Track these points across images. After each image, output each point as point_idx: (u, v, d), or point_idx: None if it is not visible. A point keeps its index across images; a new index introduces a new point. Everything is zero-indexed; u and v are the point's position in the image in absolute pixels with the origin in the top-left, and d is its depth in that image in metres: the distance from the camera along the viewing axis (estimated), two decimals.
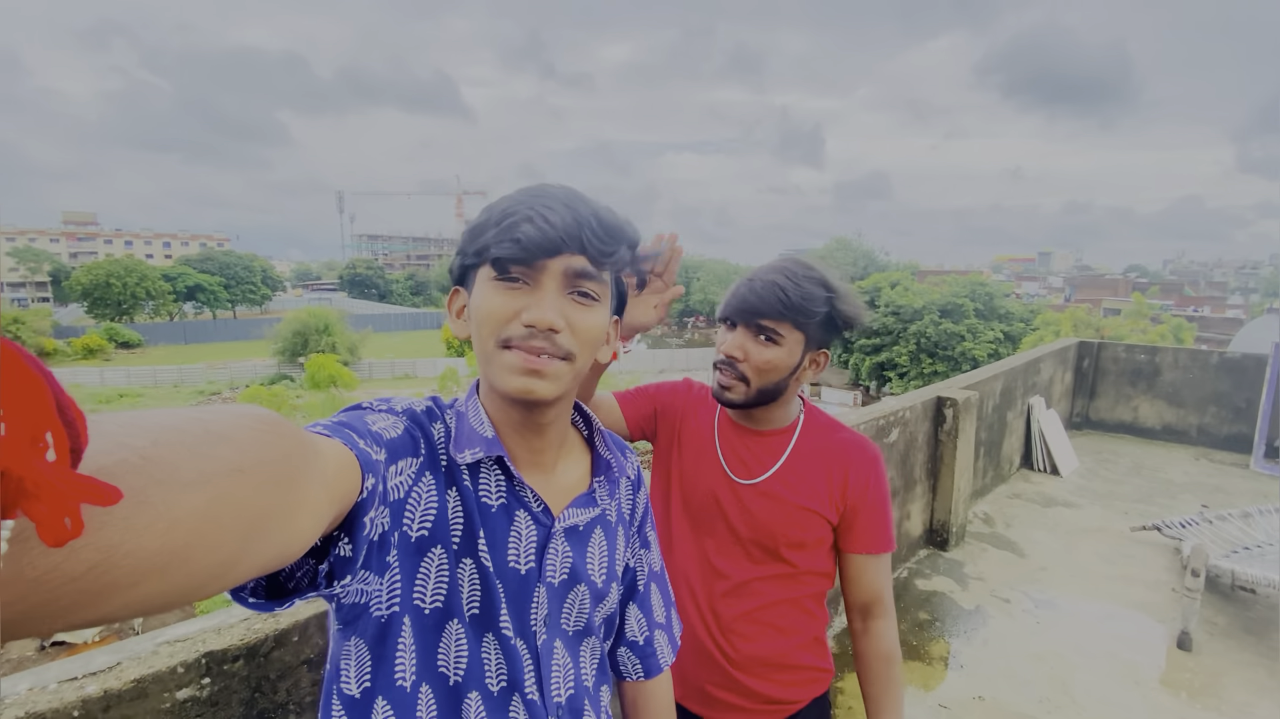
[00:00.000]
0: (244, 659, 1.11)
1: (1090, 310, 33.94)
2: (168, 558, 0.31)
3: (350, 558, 0.58)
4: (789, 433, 1.23)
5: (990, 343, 27.31)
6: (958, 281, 30.45)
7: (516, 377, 0.68)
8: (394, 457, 0.65)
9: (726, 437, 1.26)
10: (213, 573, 0.35)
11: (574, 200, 0.70)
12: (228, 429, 0.36)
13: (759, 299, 1.11)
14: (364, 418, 0.65)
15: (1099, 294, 56.54)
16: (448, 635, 0.71)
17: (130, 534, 0.29)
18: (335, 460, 0.51)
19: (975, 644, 3.04)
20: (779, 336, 1.12)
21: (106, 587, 0.29)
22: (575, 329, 0.70)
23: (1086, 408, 6.65)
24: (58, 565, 0.27)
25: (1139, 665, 2.87)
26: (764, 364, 1.13)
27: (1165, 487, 5.12)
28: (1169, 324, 29.54)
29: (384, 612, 0.68)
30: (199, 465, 0.33)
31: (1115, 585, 3.59)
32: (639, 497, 0.95)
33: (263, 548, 0.39)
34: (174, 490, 0.31)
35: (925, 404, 3.77)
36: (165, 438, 0.32)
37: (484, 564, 0.72)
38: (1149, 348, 6.51)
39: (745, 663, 1.24)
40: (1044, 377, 5.73)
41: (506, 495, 0.75)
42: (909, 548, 3.82)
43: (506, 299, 0.69)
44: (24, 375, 0.24)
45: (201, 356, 44.76)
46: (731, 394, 1.17)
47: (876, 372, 30.18)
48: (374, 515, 0.59)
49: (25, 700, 0.93)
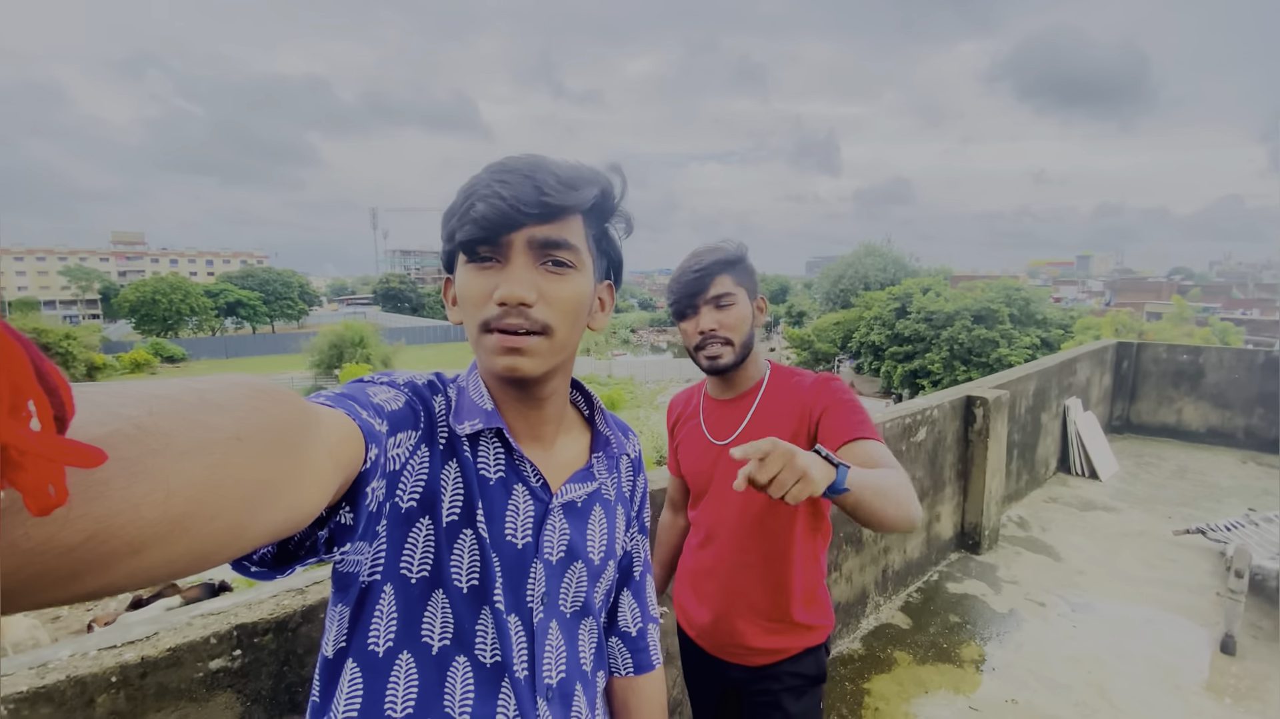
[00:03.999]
0: (273, 633, 1.16)
1: (1132, 314, 32.90)
2: (168, 527, 0.31)
3: (351, 526, 0.58)
4: (757, 389, 1.38)
5: (1027, 349, 26.62)
6: (992, 286, 29.77)
7: (499, 357, 0.69)
8: (394, 429, 0.65)
9: (709, 411, 1.43)
10: (219, 540, 0.35)
11: (533, 168, 0.68)
12: (225, 398, 0.36)
13: (701, 279, 1.30)
14: (365, 390, 0.65)
15: (1141, 298, 54.80)
16: (434, 604, 0.71)
17: (127, 504, 0.29)
18: (338, 430, 0.52)
19: (1009, 647, 2.96)
20: (732, 297, 1.31)
21: (106, 556, 0.29)
22: (550, 300, 0.69)
23: (1127, 411, 6.45)
24: (53, 536, 0.27)
25: (1180, 670, 2.77)
26: (735, 321, 1.31)
27: (1210, 490, 4.93)
28: (1215, 327, 28.47)
29: (366, 579, 0.69)
30: (196, 434, 0.33)
31: (1156, 589, 3.47)
32: (639, 480, 0.96)
33: (270, 515, 0.39)
34: (170, 459, 0.31)
35: (954, 403, 3.71)
36: (160, 407, 0.32)
37: (482, 535, 0.72)
38: (1192, 348, 6.29)
39: (752, 611, 1.36)
40: (1080, 378, 5.58)
41: (505, 469, 0.75)
42: (939, 550, 3.75)
43: (481, 280, 0.69)
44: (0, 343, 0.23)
45: (242, 369, 45.77)
46: (724, 359, 1.32)
47: (909, 379, 29.64)
48: (375, 485, 0.59)
49: (67, 665, 0.99)
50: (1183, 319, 28.33)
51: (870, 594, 3.19)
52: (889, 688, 2.69)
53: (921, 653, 2.93)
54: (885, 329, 30.52)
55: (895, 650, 2.95)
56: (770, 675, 1.38)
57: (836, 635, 2.96)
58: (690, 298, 1.31)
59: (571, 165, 0.72)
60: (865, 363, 32.05)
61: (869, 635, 3.06)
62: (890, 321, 30.41)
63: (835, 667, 2.81)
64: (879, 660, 2.88)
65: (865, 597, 3.16)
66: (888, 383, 30.95)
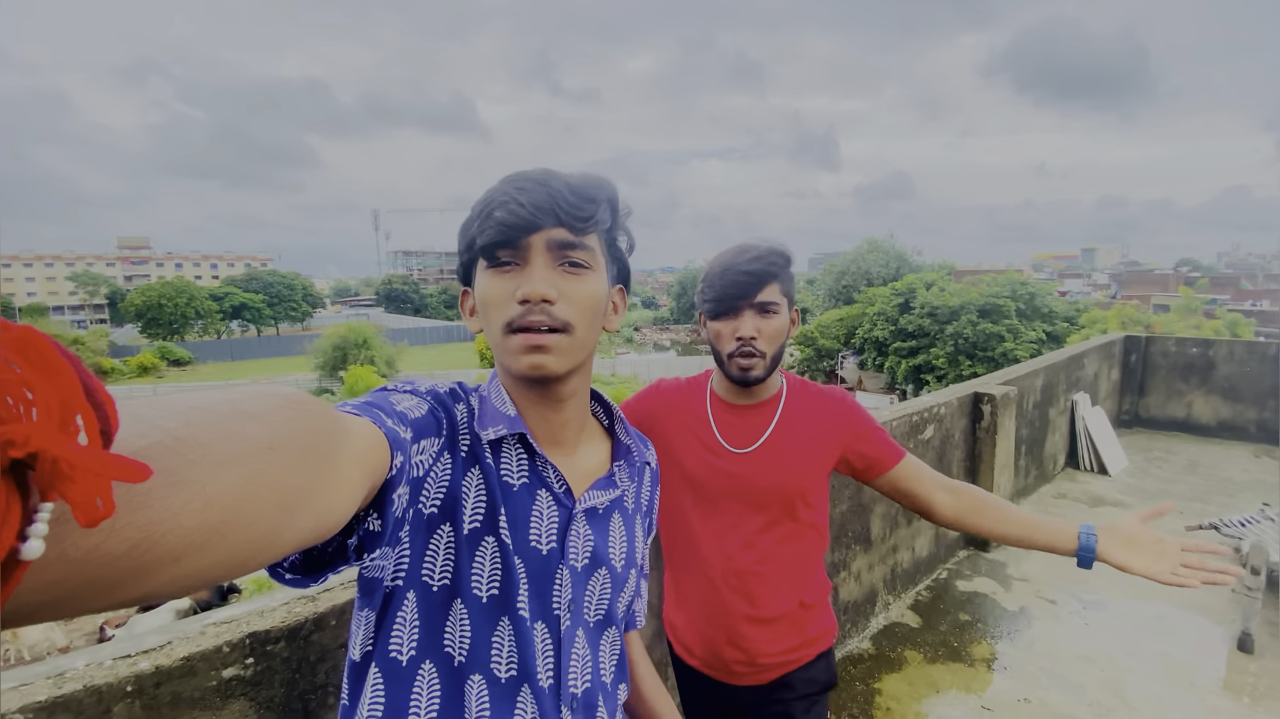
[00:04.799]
0: (285, 641, 1.15)
1: (1139, 307, 32.73)
2: (206, 534, 0.32)
3: (379, 533, 0.59)
4: (778, 399, 1.34)
5: (1033, 343, 26.49)
6: (996, 281, 29.63)
7: (523, 356, 0.71)
8: (418, 436, 0.66)
9: (721, 416, 1.35)
10: (254, 547, 0.36)
11: (547, 178, 0.72)
12: (258, 408, 0.37)
13: (751, 282, 1.22)
14: (389, 398, 0.67)
15: (1148, 290, 54.48)
16: (454, 614, 0.71)
17: (168, 513, 0.30)
18: (366, 438, 0.53)
19: (1020, 646, 2.95)
20: (777, 306, 1.24)
21: (149, 563, 0.30)
22: (570, 298, 0.72)
23: (1136, 405, 6.41)
24: (99, 545, 0.27)
25: (1196, 668, 2.75)
26: (774, 333, 1.25)
27: (1223, 485, 4.89)
28: (1224, 319, 28.28)
29: (389, 584, 0.70)
30: (231, 444, 0.34)
31: (1169, 587, 3.44)
32: (656, 491, 0.98)
33: (301, 523, 0.40)
34: (207, 469, 0.32)
35: (961, 400, 3.69)
36: (196, 419, 0.33)
37: (504, 542, 0.72)
38: (1202, 341, 6.24)
39: (763, 621, 1.32)
40: (1088, 372, 5.55)
41: (529, 474, 0.76)
42: (947, 548, 3.73)
43: (502, 283, 0.72)
44: (52, 361, 0.24)
45: (247, 372, 46.25)
46: (756, 371, 1.26)
47: (914, 374, 29.54)
48: (400, 492, 0.61)
49: (83, 674, 0.99)
50: (1191, 311, 28.18)
51: (879, 593, 3.18)
52: (900, 688, 2.68)
53: (932, 652, 2.92)
54: (889, 325, 30.41)
55: (905, 649, 2.94)
56: (783, 686, 1.35)
57: (846, 635, 2.95)
58: (734, 299, 1.22)
59: (582, 175, 0.76)
60: (869, 359, 31.96)
61: (879, 635, 3.05)
62: (894, 317, 30.30)
63: (845, 667, 2.80)
64: (889, 660, 2.86)
65: (874, 595, 3.15)
66: (891, 378, 30.87)
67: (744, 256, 1.23)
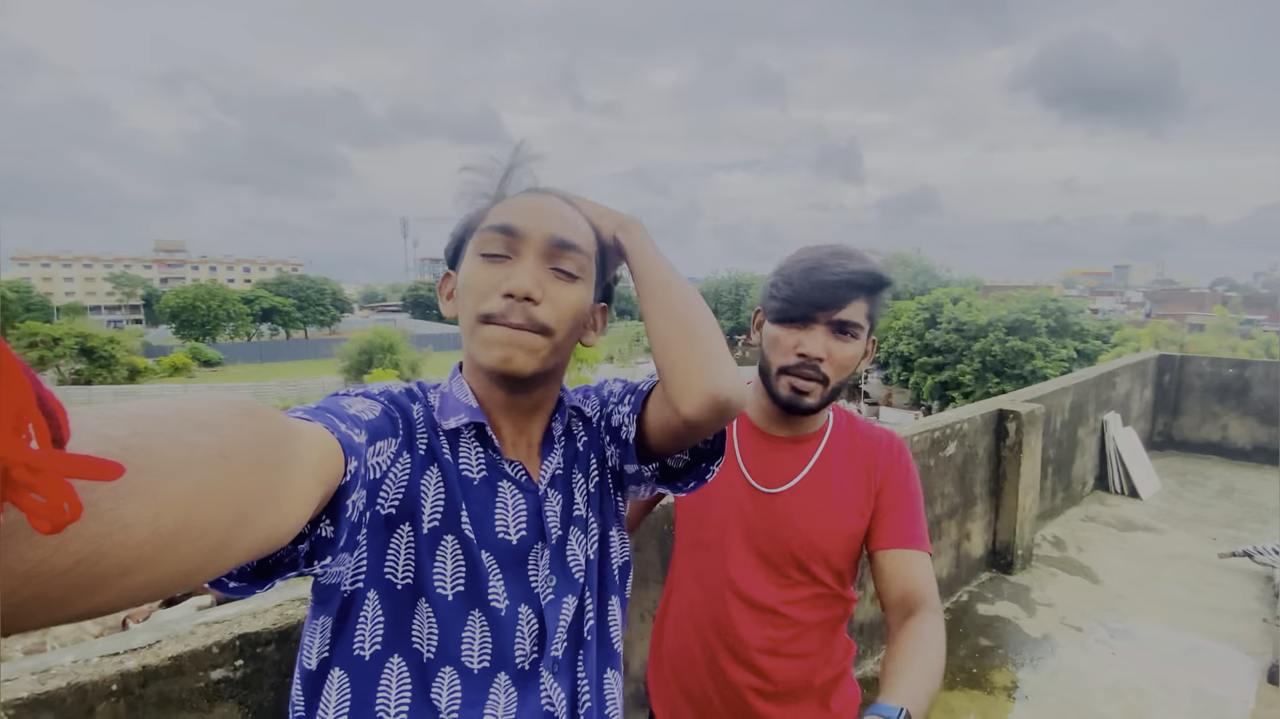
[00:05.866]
0: (275, 644, 1.14)
1: (1173, 326, 31.89)
2: (157, 546, 0.31)
3: (332, 539, 0.58)
4: (821, 434, 1.14)
5: (1063, 361, 25.92)
6: (1025, 297, 29.12)
7: (495, 348, 0.69)
8: (374, 438, 0.65)
9: (750, 445, 1.15)
10: (205, 558, 0.35)
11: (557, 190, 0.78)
12: (206, 416, 0.36)
13: (838, 292, 1.01)
14: (341, 402, 0.66)
15: (1183, 309, 53.13)
16: (420, 613, 0.70)
17: (117, 524, 0.29)
18: (318, 444, 0.52)
19: (1043, 674, 2.84)
20: (859, 330, 1.04)
21: (96, 578, 0.28)
22: (554, 302, 0.71)
23: (1169, 426, 6.20)
24: (45, 559, 0.26)
25: (1225, 700, 2.62)
26: (846, 360, 1.04)
27: (1258, 511, 4.70)
28: (1259, 339, 27.43)
29: (348, 588, 0.68)
30: (180, 453, 0.33)
31: (1200, 615, 3.30)
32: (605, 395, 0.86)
33: (253, 532, 0.39)
34: (157, 479, 0.31)
35: (985, 417, 3.59)
36: (144, 427, 0.32)
37: (467, 537, 0.71)
38: (1238, 362, 6.04)
39: (778, 695, 1.13)
40: (1119, 392, 5.39)
41: (487, 467, 0.75)
42: (969, 570, 3.62)
43: (489, 272, 0.71)
44: (4, 368, 0.23)
45: (275, 374, 47.13)
46: (810, 399, 1.05)
47: (939, 391, 29.07)
48: (356, 497, 0.59)
49: (69, 671, 0.98)
50: (1226, 331, 27.39)
51: None
52: None
53: (950, 677, 2.82)
54: (914, 339, 30.04)
55: None
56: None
57: (860, 658, 2.87)
58: (810, 306, 1.01)
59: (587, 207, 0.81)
60: (894, 373, 31.56)
61: None
62: (920, 332, 29.92)
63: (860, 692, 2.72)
64: None
65: None
66: (917, 394, 30.42)
67: (836, 259, 1.02)
